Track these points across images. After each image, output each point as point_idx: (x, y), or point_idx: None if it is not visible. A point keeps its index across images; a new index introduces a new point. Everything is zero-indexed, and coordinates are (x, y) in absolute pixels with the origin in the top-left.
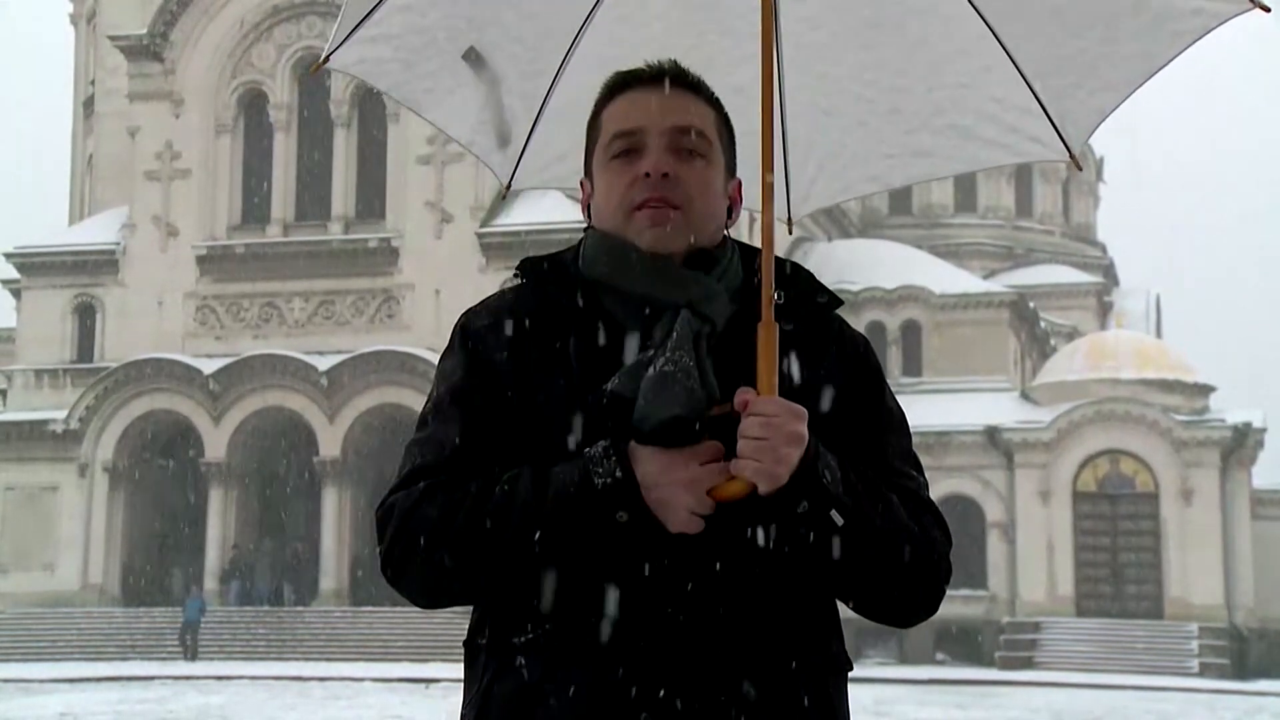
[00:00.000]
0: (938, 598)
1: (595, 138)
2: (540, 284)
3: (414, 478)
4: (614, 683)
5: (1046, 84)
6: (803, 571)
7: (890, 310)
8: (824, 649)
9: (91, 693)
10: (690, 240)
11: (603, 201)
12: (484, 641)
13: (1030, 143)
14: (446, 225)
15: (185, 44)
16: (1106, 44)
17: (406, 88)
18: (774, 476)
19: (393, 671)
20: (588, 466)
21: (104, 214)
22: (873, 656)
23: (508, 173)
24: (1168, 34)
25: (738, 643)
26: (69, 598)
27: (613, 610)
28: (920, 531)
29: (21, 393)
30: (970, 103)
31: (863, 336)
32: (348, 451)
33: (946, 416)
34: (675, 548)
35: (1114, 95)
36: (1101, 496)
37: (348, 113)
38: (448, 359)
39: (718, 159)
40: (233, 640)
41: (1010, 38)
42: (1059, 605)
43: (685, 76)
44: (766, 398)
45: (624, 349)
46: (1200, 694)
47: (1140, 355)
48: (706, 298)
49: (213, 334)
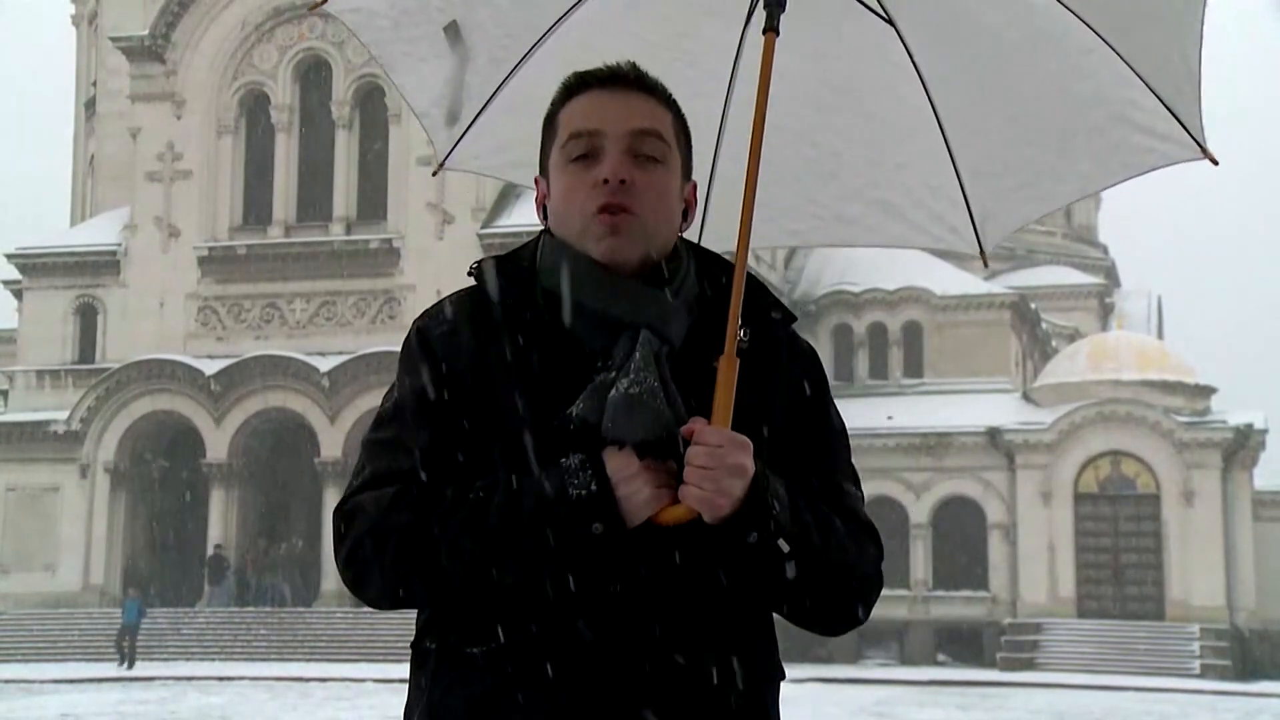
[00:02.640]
0: (868, 610)
1: (552, 137)
2: (500, 292)
3: (379, 481)
4: (575, 696)
5: (981, 182)
6: (745, 592)
7: (891, 311)
8: (762, 661)
9: (92, 693)
10: (645, 250)
11: (559, 205)
12: (433, 646)
13: (949, 232)
14: (448, 226)
15: (187, 45)
16: (1058, 157)
17: (387, 47)
18: (714, 506)
19: (394, 672)
20: (564, 478)
21: (105, 215)
22: (874, 658)
23: (445, 150)
24: (1118, 163)
25: (692, 665)
26: (70, 598)
27: (573, 623)
28: (858, 552)
29: (23, 393)
30: (905, 183)
31: (811, 349)
32: (349, 453)
33: (948, 418)
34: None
35: (1043, 206)
36: (1103, 498)
37: (349, 114)
38: (408, 361)
39: (675, 164)
40: (233, 640)
41: (958, 132)
42: (1060, 606)
43: (644, 78)
44: (714, 428)
45: (583, 366)
46: (1201, 695)
47: (1141, 356)
48: (663, 317)
49: (214, 335)
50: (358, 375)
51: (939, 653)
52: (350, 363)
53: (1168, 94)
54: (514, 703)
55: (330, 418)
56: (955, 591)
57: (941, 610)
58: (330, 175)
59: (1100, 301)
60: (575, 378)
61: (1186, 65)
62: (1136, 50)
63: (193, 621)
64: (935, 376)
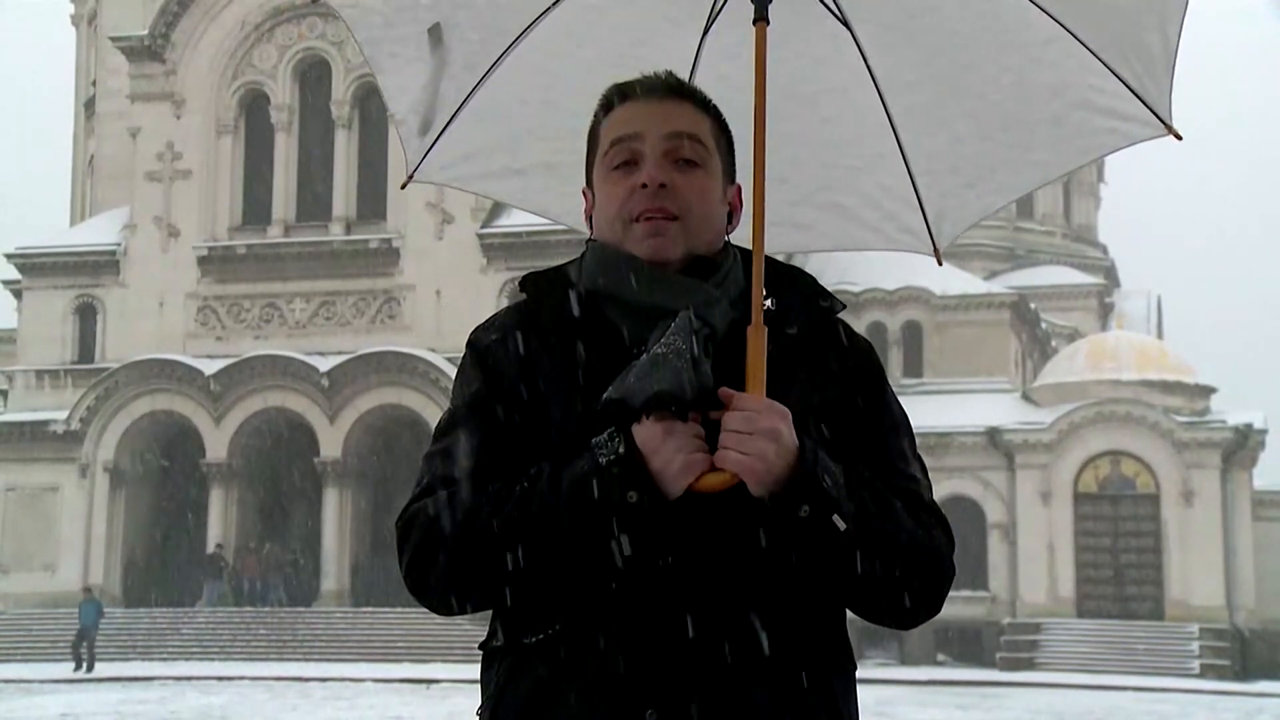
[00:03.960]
0: (940, 599)
1: (594, 149)
2: (543, 298)
3: (434, 488)
4: (625, 683)
5: (935, 181)
6: (808, 577)
7: (891, 311)
8: (830, 650)
9: (92, 693)
10: (688, 249)
11: (602, 212)
12: (498, 644)
13: (902, 233)
14: (447, 226)
15: (186, 45)
16: (1015, 149)
17: (377, 46)
18: (751, 469)
19: (394, 672)
20: (594, 448)
21: (105, 214)
22: (873, 657)
23: (415, 161)
24: (1077, 148)
25: (746, 644)
26: (70, 598)
27: (622, 610)
28: (924, 535)
29: (22, 393)
30: (858, 185)
31: (865, 340)
32: (349, 452)
33: (947, 418)
34: (683, 546)
35: (1002, 198)
36: (1102, 498)
37: (349, 113)
38: (463, 373)
39: (715, 166)
40: (233, 640)
41: (911, 132)
42: (1060, 606)
43: (681, 85)
44: (749, 395)
45: (625, 357)
46: (1201, 695)
47: (1141, 356)
48: (706, 304)
49: (214, 335)
50: (357, 375)
51: (939, 653)
52: (350, 362)
53: (1134, 75)
54: (568, 691)
55: (330, 418)
56: (955, 591)
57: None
58: (330, 175)
59: (1100, 301)
60: (618, 369)
61: (1164, 42)
62: (1104, 36)
63: (192, 621)
64: (935, 376)
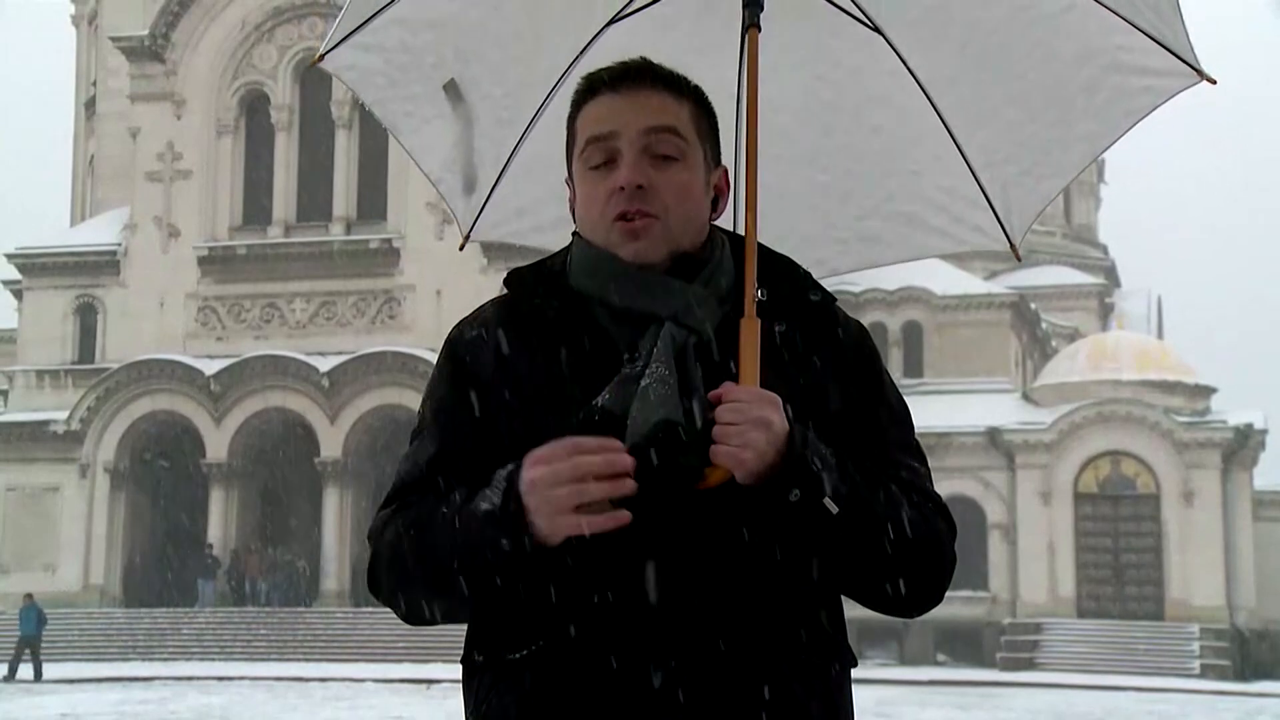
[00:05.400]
0: (941, 587)
1: (571, 143)
2: (528, 296)
3: (395, 497)
4: (616, 691)
5: (995, 174)
6: (802, 566)
7: (891, 311)
8: (825, 645)
9: (93, 693)
10: (672, 248)
11: (583, 212)
12: (480, 659)
13: (973, 232)
14: (448, 226)
15: (187, 45)
16: (1060, 126)
17: (388, 106)
18: (741, 460)
19: (394, 672)
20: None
21: (105, 215)
22: (873, 657)
23: (469, 222)
24: (1118, 112)
25: (740, 641)
26: (70, 598)
27: (609, 617)
28: (921, 520)
29: (23, 393)
30: (920, 191)
31: (859, 325)
32: (349, 452)
33: (948, 418)
34: (668, 547)
35: (1059, 181)
36: (1103, 498)
37: (349, 114)
38: (435, 374)
39: (695, 157)
40: (233, 640)
41: (963, 127)
42: (1060, 606)
43: (656, 71)
44: (740, 386)
45: (612, 362)
46: (1201, 695)
47: (1141, 356)
48: (689, 307)
49: (214, 335)
50: (357, 375)
51: (939, 653)
52: (350, 363)
53: (1151, 25)
54: (563, 698)
55: (330, 418)
56: (955, 591)
57: (941, 610)
58: (330, 175)
59: (1100, 301)
60: (604, 374)
61: None
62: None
63: (192, 621)
64: (935, 376)
